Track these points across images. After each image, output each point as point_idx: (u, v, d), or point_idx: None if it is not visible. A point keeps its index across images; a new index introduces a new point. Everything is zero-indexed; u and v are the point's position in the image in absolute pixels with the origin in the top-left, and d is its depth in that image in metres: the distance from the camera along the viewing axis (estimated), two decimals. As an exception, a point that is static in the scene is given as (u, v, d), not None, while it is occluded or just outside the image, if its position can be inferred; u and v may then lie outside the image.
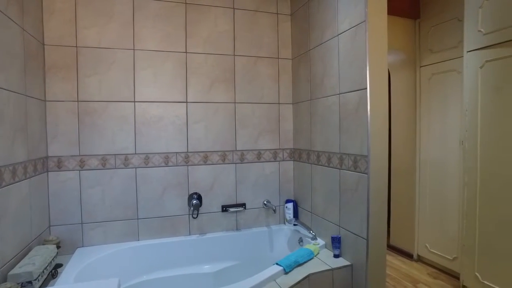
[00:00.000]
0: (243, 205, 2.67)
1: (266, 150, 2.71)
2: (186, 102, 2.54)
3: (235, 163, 2.65)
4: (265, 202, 2.72)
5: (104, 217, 2.35)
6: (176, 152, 2.52)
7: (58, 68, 2.24)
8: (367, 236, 1.91)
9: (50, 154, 2.23)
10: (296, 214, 2.73)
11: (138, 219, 2.44)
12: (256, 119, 2.69)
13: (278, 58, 2.75)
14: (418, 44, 3.13)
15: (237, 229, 2.68)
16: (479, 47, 2.47)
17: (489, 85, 2.42)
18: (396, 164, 3.41)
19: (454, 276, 2.86)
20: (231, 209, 2.63)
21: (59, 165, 2.25)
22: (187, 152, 2.54)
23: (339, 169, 2.14)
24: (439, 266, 3.02)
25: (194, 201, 2.53)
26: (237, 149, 2.65)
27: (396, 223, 3.45)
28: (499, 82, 2.36)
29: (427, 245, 3.12)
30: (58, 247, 2.01)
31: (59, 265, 1.99)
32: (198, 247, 2.54)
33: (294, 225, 2.69)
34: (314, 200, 2.49)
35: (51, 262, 1.81)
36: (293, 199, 2.80)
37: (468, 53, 2.55)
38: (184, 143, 2.54)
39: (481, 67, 2.47)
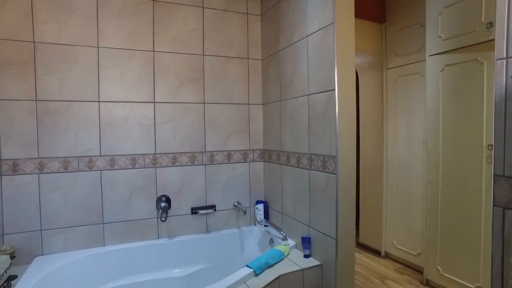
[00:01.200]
0: (213, 207, 2.62)
1: (236, 151, 2.68)
2: (154, 102, 2.46)
3: (205, 165, 2.60)
4: (235, 203, 2.68)
5: (66, 223, 2.22)
6: (144, 154, 2.43)
7: (11, 65, 2.09)
8: (336, 235, 1.92)
9: (3, 157, 2.08)
10: (266, 215, 2.72)
11: (103, 223, 2.33)
12: (226, 120, 2.65)
13: (248, 58, 2.72)
14: (384, 47, 3.22)
15: (207, 231, 2.63)
16: (440, 52, 2.57)
17: (449, 88, 2.52)
18: (364, 164, 3.48)
19: (418, 270, 2.95)
20: (201, 211, 2.58)
21: (15, 168, 2.10)
22: (155, 153, 2.46)
23: (309, 169, 2.15)
24: (405, 261, 3.11)
25: (163, 204, 2.45)
26: (207, 150, 2.60)
27: (365, 221, 3.52)
28: (457, 85, 2.46)
29: (394, 242, 3.20)
30: (12, 257, 1.87)
31: (14, 277, 1.85)
32: (168, 251, 2.46)
33: (265, 226, 2.67)
34: (284, 200, 2.48)
35: (3, 274, 1.67)
36: (263, 200, 2.78)
37: (430, 57, 2.65)
38: (152, 144, 2.45)
39: (441, 71, 2.56)
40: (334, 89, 1.87)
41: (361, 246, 3.55)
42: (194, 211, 2.56)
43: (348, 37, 1.91)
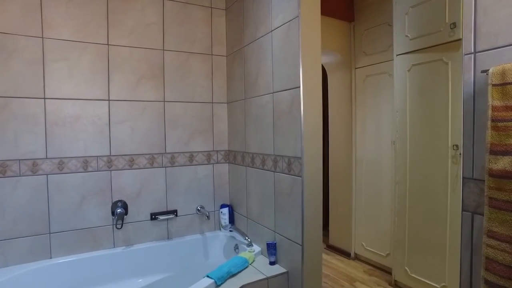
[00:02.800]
0: (174, 212, 2.44)
1: (198, 152, 2.52)
2: (109, 100, 2.25)
3: (165, 167, 2.42)
4: (198, 207, 2.52)
5: (4, 235, 1.98)
6: (97, 156, 2.22)
7: None
8: (302, 241, 1.81)
9: None
10: (232, 220, 2.57)
11: (50, 233, 2.10)
12: (188, 119, 2.49)
13: (211, 54, 2.57)
14: (353, 46, 3.16)
15: (169, 238, 2.45)
16: (407, 51, 2.53)
17: (416, 87, 2.48)
18: (333, 164, 3.42)
19: (387, 271, 2.91)
20: (161, 217, 2.39)
21: None
22: (110, 155, 2.26)
23: (274, 171, 2.03)
24: (374, 263, 3.06)
25: (119, 210, 2.26)
26: (167, 151, 2.42)
27: (335, 223, 3.46)
28: (423, 85, 2.43)
29: (363, 243, 3.15)
30: None
31: None
32: (125, 261, 2.27)
33: (230, 231, 2.53)
34: (249, 204, 2.35)
35: None
36: (228, 203, 2.64)
37: (397, 56, 2.60)
38: (107, 146, 2.25)
39: (408, 70, 2.53)
40: (299, 87, 1.76)
41: (331, 248, 3.48)
42: (154, 216, 2.38)
43: (314, 31, 1.80)
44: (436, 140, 2.34)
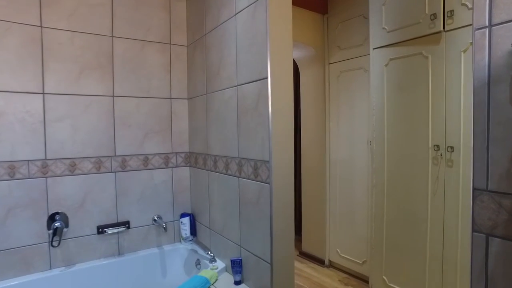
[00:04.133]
0: (126, 223, 2.08)
1: (155, 154, 2.17)
2: (43, 93, 1.86)
3: (115, 172, 2.05)
4: (155, 217, 2.17)
5: None
6: (28, 160, 1.82)
7: None
8: (271, 259, 1.51)
9: None
10: (194, 230, 2.24)
11: (-35, 255, 1.69)
12: (142, 117, 2.13)
13: (170, 44, 2.23)
14: (326, 40, 2.92)
15: (120, 254, 2.08)
16: (384, 45, 2.31)
17: (394, 83, 2.27)
18: (306, 166, 3.16)
19: (364, 280, 2.69)
20: (110, 230, 2.02)
21: None
22: (45, 159, 1.87)
23: (238, 177, 1.73)
24: (350, 271, 2.83)
25: (57, 224, 1.87)
26: (117, 154, 2.05)
27: (308, 228, 3.20)
28: (402, 81, 2.22)
29: (338, 250, 2.92)
30: None
31: None
32: (65, 284, 1.88)
33: (190, 242, 2.20)
34: (212, 214, 2.03)
35: None
36: (190, 212, 2.30)
37: (374, 50, 2.38)
38: (41, 148, 1.85)
39: (386, 65, 2.31)
40: (267, 78, 1.47)
41: (304, 255, 3.22)
42: (101, 230, 2.00)
43: (284, 13, 1.51)
44: (416, 140, 2.13)
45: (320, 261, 3.04)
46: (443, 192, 2.00)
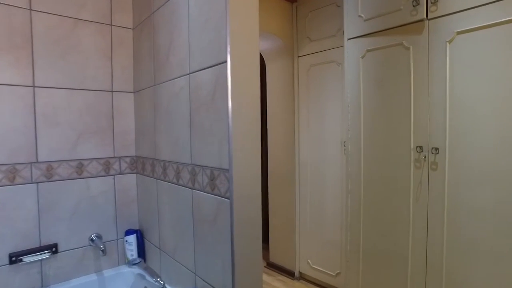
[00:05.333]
0: (52, 247, 1.63)
1: (92, 159, 1.73)
2: None
3: (37, 183, 1.59)
4: (93, 237, 1.74)
5: None
6: None
7: None
8: (232, 293, 1.17)
9: None
10: (142, 251, 1.84)
11: None
12: (75, 114, 1.69)
13: (111, 25, 1.80)
14: (295, 31, 2.61)
15: (43, 286, 1.63)
16: (360, 35, 2.04)
17: (371, 77, 2.00)
18: (273, 169, 2.85)
19: (336, 294, 2.42)
20: (28, 258, 1.56)
21: None
22: None
23: (191, 188, 1.36)
24: (322, 283, 2.55)
25: (-47, 253, 1.40)
26: (40, 160, 1.60)
27: (276, 237, 2.89)
28: (380, 75, 1.96)
29: (309, 260, 2.62)
30: None
31: None
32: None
33: (134, 265, 1.79)
34: (162, 231, 1.64)
35: None
36: (137, 228, 1.89)
37: (349, 41, 2.10)
38: None
39: (362, 57, 2.04)
40: (226, 62, 1.12)
41: (272, 266, 2.90)
42: (15, 258, 1.54)
43: (246, -19, 1.17)
44: (396, 141, 1.88)
45: (289, 273, 2.73)
46: (426, 198, 1.76)
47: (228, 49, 1.10)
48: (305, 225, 2.63)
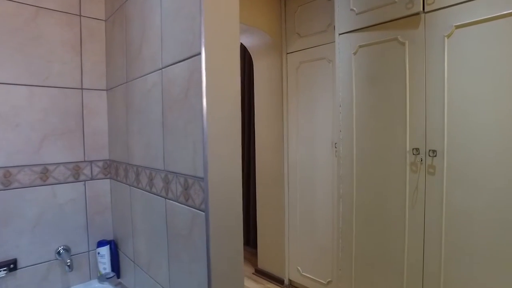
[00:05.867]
0: (10, 263, 1.44)
1: (58, 164, 1.55)
2: None
3: (-7, 191, 1.42)
4: (60, 249, 1.56)
5: None
6: None
7: None
8: (210, 319, 1.01)
9: None
10: (116, 264, 1.66)
11: None
12: (38, 114, 1.50)
13: (80, 15, 1.62)
14: (284, 26, 2.46)
15: (1, 306, 1.45)
16: (352, 29, 1.90)
17: (364, 75, 1.87)
18: (261, 171, 2.70)
19: (327, 302, 2.29)
20: (-16, 275, 1.39)
21: None
22: None
23: (165, 198, 1.19)
24: (312, 292, 2.42)
25: None
26: (-4, 165, 1.42)
27: (264, 242, 2.74)
28: (374, 72, 1.83)
29: (299, 267, 2.48)
30: None
31: None
32: None
33: (108, 283, 1.62)
34: (136, 243, 1.47)
35: None
36: (112, 239, 1.72)
37: (340, 36, 1.96)
38: None
39: (354, 53, 1.90)
40: (200, 53, 0.96)
41: (260, 273, 2.75)
42: (-31, 275, 1.36)
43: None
44: (391, 142, 1.75)
45: (278, 281, 2.59)
46: (423, 204, 1.63)
47: (203, 39, 0.95)
48: (295, 229, 2.49)
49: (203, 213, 0.98)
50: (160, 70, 1.17)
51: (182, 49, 1.05)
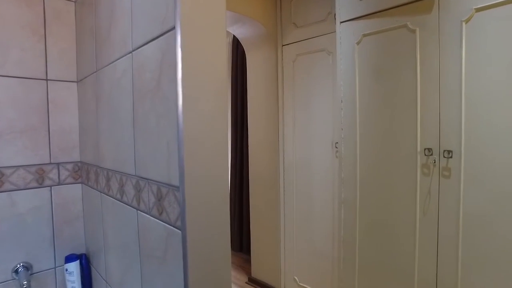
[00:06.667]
0: (-41, 284, 1.22)
1: (17, 167, 1.32)
2: None
3: None
4: (18, 267, 1.33)
5: None
6: None
7: None
8: None
9: None
10: (88, 281, 1.43)
11: None
12: (-8, 108, 1.28)
13: (44, -6, 1.39)
14: (279, 16, 2.25)
15: None
16: (355, 17, 1.70)
17: (369, 67, 1.67)
18: (255, 173, 2.48)
19: (326, 315, 2.08)
20: None
21: None
22: None
23: (136, 209, 0.97)
24: (309, 303, 2.21)
25: None
26: None
27: (258, 250, 2.53)
28: (380, 63, 1.63)
29: (296, 277, 2.28)
30: None
31: None
32: None
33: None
34: (108, 260, 1.25)
35: None
36: (84, 252, 1.49)
37: (342, 24, 1.76)
38: None
39: (358, 43, 1.70)
40: (174, 28, 0.74)
41: (254, 282, 2.54)
42: None
43: None
44: (399, 142, 1.55)
45: (273, 291, 2.38)
46: (436, 212, 1.44)
47: (178, 10, 0.73)
48: (291, 236, 2.28)
49: (179, 231, 0.76)
50: (130, 54, 0.95)
51: (154, 25, 0.83)
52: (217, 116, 0.78)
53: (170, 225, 0.79)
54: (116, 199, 1.10)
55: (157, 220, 0.85)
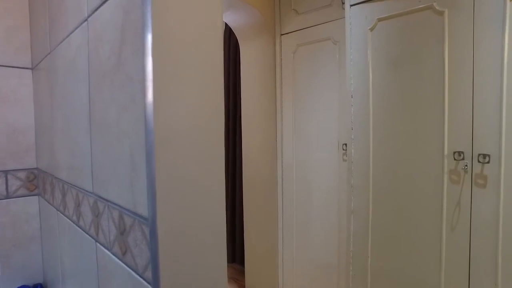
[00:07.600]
0: None
1: None
2: None
3: None
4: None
5: None
6: None
7: None
8: None
9: None
10: (44, 317, 1.15)
11: None
12: None
13: (-12, -43, 1.09)
14: (278, 1, 1.99)
15: None
16: (367, -1, 1.46)
17: (385, 56, 1.42)
18: (250, 177, 2.22)
19: (330, 336, 1.84)
20: None
21: None
22: None
23: (95, 240, 0.69)
24: (310, 322, 1.96)
25: None
26: None
27: (253, 259, 2.27)
28: (399, 53, 1.38)
29: (294, 293, 2.02)
30: None
31: None
32: None
33: None
34: (66, 296, 0.96)
35: None
36: (40, 282, 1.19)
37: (353, 7, 1.51)
38: None
39: (371, 30, 1.45)
40: (141, -30, 0.47)
41: (248, 297, 2.28)
42: None
43: None
44: (422, 143, 1.31)
45: (270, 308, 2.12)
46: (468, 227, 1.20)
47: None
48: (290, 247, 2.03)
49: (150, 286, 0.48)
50: (86, 22, 0.66)
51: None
52: (208, 106, 0.51)
53: (137, 274, 0.51)
54: (72, 221, 0.81)
55: (120, 262, 0.57)
